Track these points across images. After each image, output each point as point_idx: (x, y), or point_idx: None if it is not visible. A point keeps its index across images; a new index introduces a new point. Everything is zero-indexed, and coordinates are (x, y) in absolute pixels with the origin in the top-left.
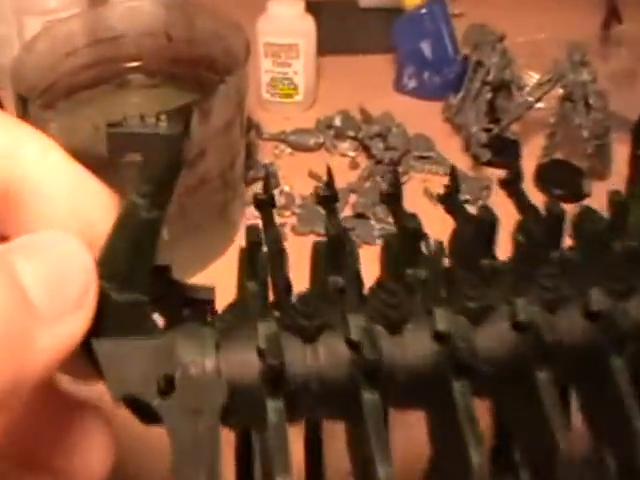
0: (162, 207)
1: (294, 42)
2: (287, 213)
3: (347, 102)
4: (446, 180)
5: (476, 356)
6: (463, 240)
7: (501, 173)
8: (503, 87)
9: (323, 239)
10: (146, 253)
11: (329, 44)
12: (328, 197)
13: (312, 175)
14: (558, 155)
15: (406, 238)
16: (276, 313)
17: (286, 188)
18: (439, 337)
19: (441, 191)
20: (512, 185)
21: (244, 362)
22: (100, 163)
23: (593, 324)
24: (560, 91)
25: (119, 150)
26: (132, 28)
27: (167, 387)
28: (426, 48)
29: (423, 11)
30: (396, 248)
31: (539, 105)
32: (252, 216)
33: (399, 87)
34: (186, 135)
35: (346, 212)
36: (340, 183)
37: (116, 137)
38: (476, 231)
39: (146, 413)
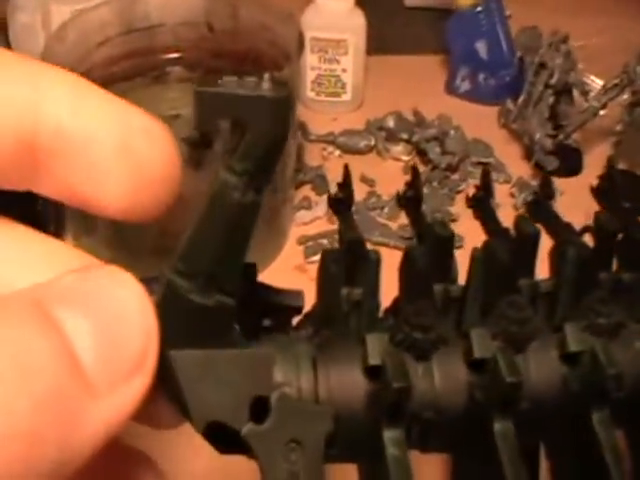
0: (261, 190)
1: (343, 37)
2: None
3: (397, 103)
4: (506, 188)
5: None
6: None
7: (566, 182)
8: (565, 92)
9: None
10: (238, 246)
11: (375, 43)
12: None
13: (364, 179)
14: (622, 165)
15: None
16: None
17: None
18: (569, 358)
19: (500, 199)
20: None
21: (349, 383)
22: None
23: None
24: (625, 97)
25: (210, 115)
26: (170, 17)
27: (261, 412)
28: (481, 48)
29: (479, 9)
30: (502, 259)
31: (603, 112)
32: (301, 222)
33: (451, 89)
34: (292, 101)
35: (402, 220)
36: (393, 189)
37: (207, 98)
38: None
39: (230, 442)
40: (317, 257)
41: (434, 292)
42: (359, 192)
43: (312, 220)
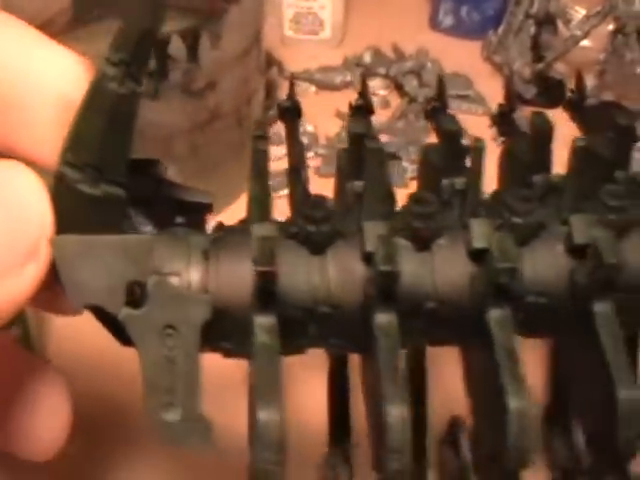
0: (139, 80)
1: None
2: (311, 154)
3: (379, 40)
4: (484, 120)
5: (520, 280)
6: (516, 156)
7: (549, 113)
8: (548, 22)
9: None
10: (120, 137)
11: None
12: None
13: (339, 115)
14: (608, 96)
15: (445, 142)
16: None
17: (309, 128)
18: (476, 255)
19: (478, 131)
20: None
21: (235, 273)
22: None
23: None
24: (610, 27)
25: (86, 8)
26: None
27: (137, 297)
28: None
29: None
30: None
31: (587, 43)
32: (275, 158)
33: (435, 24)
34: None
35: None
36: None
37: None
38: (529, 143)
39: (118, 328)
40: (284, 192)
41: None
42: (333, 127)
43: (283, 156)
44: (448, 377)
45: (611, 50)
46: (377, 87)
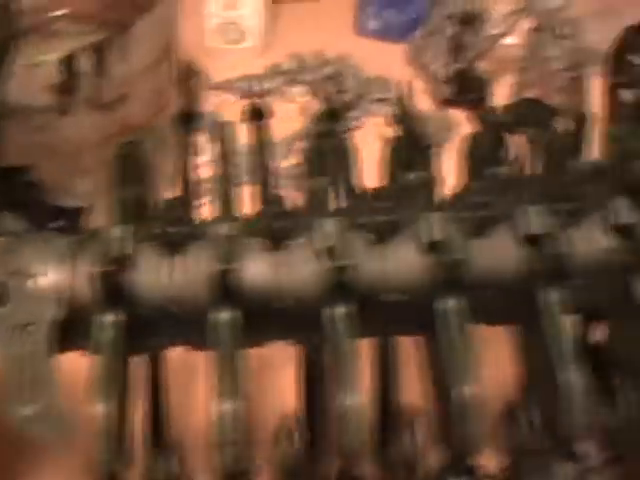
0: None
1: None
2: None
3: (306, 47)
4: None
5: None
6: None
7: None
8: (469, 22)
9: None
10: None
11: None
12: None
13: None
14: (531, 93)
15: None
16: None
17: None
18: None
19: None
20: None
21: (91, 274)
22: None
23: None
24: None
25: None
26: None
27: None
28: None
29: None
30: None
31: (512, 41)
32: (194, 166)
33: (360, 29)
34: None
35: (290, 160)
36: (287, 130)
37: None
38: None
39: None
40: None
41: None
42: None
43: (202, 164)
44: None
45: (531, 47)
46: (297, 94)
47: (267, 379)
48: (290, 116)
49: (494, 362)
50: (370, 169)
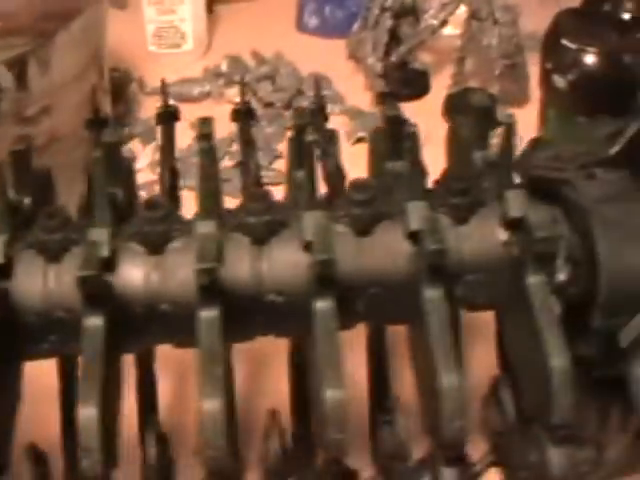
0: None
1: None
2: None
3: (246, 49)
4: (341, 119)
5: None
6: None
7: (413, 106)
8: (407, 14)
9: None
10: None
11: None
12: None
13: (193, 126)
14: (471, 83)
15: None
16: None
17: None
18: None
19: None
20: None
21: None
22: None
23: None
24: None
25: None
26: None
27: None
28: None
29: None
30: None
31: (451, 31)
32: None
33: (301, 27)
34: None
35: (224, 163)
36: (223, 132)
37: None
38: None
39: None
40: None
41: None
42: (186, 139)
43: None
44: None
45: (468, 36)
46: (234, 95)
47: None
48: (227, 118)
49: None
50: None
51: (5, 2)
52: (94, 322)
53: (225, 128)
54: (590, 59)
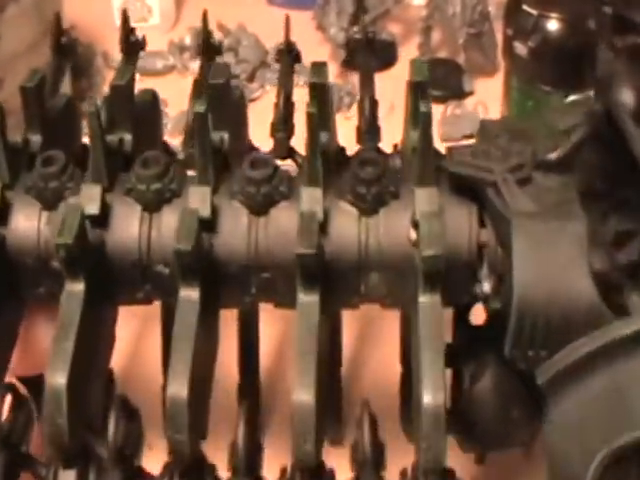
0: None
1: None
2: None
3: (214, 22)
4: (306, 90)
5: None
6: None
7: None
8: None
9: None
10: None
11: None
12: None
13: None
14: (439, 54)
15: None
16: None
17: None
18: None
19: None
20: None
21: None
22: None
23: None
24: None
25: None
26: None
27: None
28: None
29: None
30: None
31: (420, 1)
32: None
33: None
34: None
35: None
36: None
37: None
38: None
39: None
40: None
41: None
42: None
43: None
44: None
45: (433, 5)
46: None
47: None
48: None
49: None
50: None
51: None
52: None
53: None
54: (552, 25)
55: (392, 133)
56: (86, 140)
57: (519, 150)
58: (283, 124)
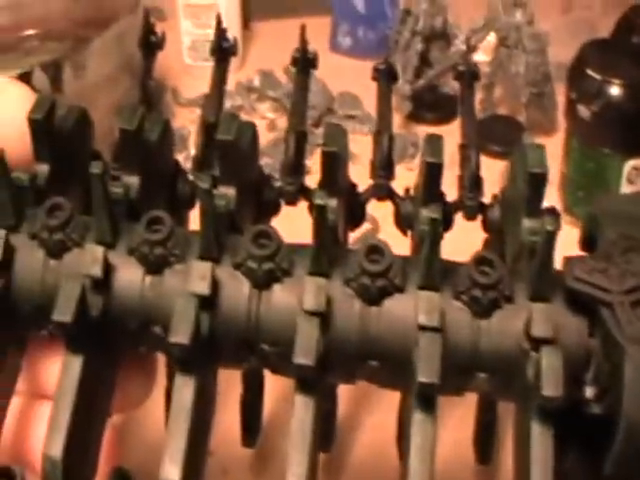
0: None
1: (213, 2)
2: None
3: (280, 66)
4: (370, 139)
5: None
6: None
7: (441, 130)
8: (437, 38)
9: None
10: None
11: (263, 8)
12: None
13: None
14: (500, 110)
15: None
16: None
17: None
18: None
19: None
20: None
21: None
22: None
23: None
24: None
25: None
26: None
27: None
28: (359, 2)
29: None
30: None
31: (481, 58)
32: None
33: (334, 47)
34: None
35: None
36: None
37: None
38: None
39: None
40: None
41: None
42: None
43: None
44: None
45: (496, 63)
46: (266, 110)
47: None
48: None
49: None
50: None
51: (43, 8)
52: None
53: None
54: (614, 90)
55: (452, 185)
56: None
57: (636, 270)
58: None
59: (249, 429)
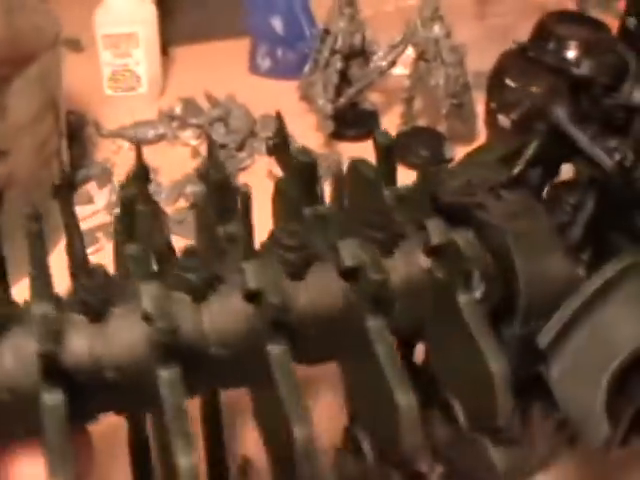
0: None
1: (132, 31)
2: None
3: (200, 91)
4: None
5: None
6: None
7: (363, 146)
8: (356, 55)
9: None
10: None
11: (180, 33)
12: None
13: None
14: (421, 122)
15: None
16: None
17: (117, 185)
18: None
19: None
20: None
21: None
22: None
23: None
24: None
25: None
26: None
27: None
28: (277, 24)
29: None
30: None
31: (401, 71)
32: (82, 218)
33: (254, 69)
34: None
35: (181, 203)
36: (179, 174)
37: None
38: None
39: None
40: (91, 248)
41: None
42: None
43: (92, 214)
44: None
45: (416, 76)
46: (189, 137)
47: None
48: (182, 160)
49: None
50: (259, 209)
51: None
52: (51, 398)
53: (180, 170)
54: (533, 99)
55: None
56: None
57: (488, 176)
58: None
59: None
